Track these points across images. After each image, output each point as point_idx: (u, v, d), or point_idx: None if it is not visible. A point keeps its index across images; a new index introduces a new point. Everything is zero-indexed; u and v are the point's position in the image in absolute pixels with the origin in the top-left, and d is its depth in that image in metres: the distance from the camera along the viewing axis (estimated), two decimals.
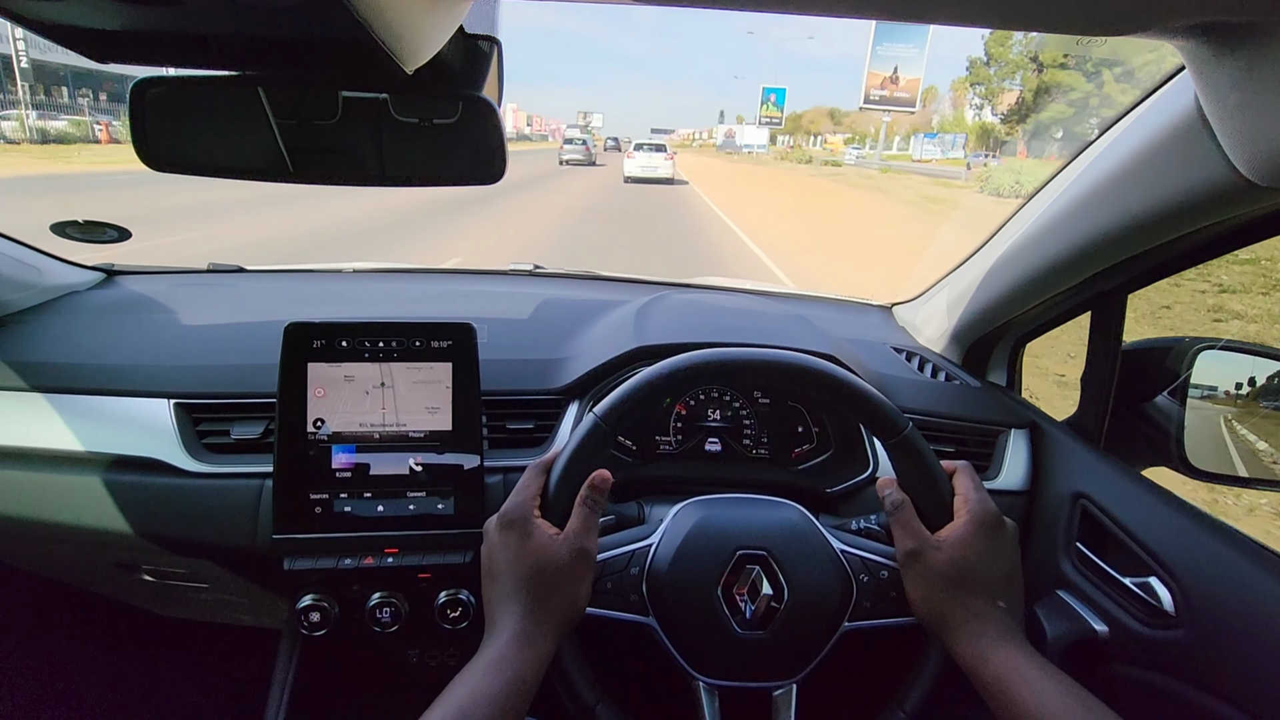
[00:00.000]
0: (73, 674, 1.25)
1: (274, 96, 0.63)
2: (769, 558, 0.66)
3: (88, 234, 1.19)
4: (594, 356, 0.98)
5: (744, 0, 0.44)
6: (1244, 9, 0.41)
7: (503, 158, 0.68)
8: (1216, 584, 0.67)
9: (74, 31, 0.46)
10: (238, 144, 0.68)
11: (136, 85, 0.59)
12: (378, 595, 0.85)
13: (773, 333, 1.06)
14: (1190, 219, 0.63)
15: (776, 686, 0.65)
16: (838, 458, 0.99)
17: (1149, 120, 0.64)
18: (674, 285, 1.44)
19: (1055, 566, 0.85)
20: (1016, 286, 0.91)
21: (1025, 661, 0.56)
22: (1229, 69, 0.47)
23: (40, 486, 0.88)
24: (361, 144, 0.68)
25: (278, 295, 1.29)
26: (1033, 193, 0.88)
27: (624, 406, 0.66)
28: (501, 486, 0.88)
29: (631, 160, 22.36)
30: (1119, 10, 0.41)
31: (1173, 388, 0.86)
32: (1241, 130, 0.50)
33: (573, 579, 0.60)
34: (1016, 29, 0.44)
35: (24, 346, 0.97)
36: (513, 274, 1.50)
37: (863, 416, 0.68)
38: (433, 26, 0.51)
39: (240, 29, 0.47)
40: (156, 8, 0.42)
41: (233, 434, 0.89)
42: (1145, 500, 0.77)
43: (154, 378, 0.92)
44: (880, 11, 0.43)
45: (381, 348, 0.84)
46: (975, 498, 0.63)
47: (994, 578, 0.61)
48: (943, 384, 1.05)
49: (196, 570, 0.95)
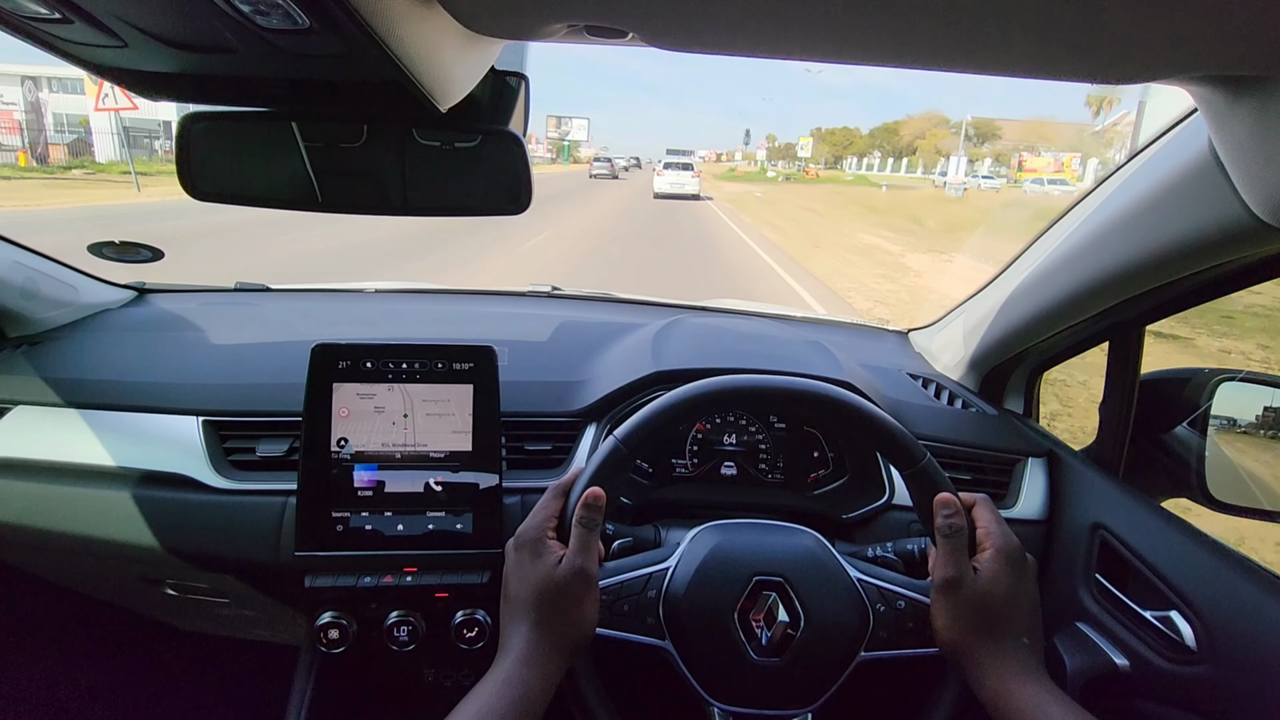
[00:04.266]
0: (92, 686, 1.27)
1: (304, 125, 0.65)
2: (786, 584, 0.66)
3: (123, 254, 1.23)
4: (612, 380, 0.99)
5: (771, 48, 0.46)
6: (1257, 65, 0.42)
7: (529, 189, 0.70)
8: (1239, 619, 0.66)
9: (132, 74, 0.49)
10: (272, 175, 0.71)
11: (184, 120, 0.62)
12: (395, 614, 0.86)
13: (789, 359, 1.07)
14: (1204, 257, 0.64)
15: (792, 715, 0.65)
16: (854, 484, 0.99)
17: (1164, 159, 0.65)
18: (691, 308, 1.45)
19: (1075, 598, 0.84)
20: (1033, 316, 0.91)
21: (1049, 699, 0.56)
22: (1242, 115, 0.48)
23: (71, 500, 0.90)
24: (386, 168, 0.70)
25: (302, 315, 1.33)
26: (1050, 223, 0.89)
27: (644, 430, 0.67)
28: (520, 507, 0.89)
29: (661, 178, 23.14)
30: (1133, 62, 0.42)
31: (1192, 418, 0.86)
32: (1255, 172, 0.51)
33: (574, 600, 0.60)
34: (1034, 77, 0.46)
35: (60, 363, 1.00)
36: (531, 295, 1.52)
37: (880, 445, 0.68)
38: (468, 68, 0.53)
39: (286, 73, 0.50)
40: (212, 54, 0.44)
41: (258, 451, 0.91)
42: (1165, 532, 0.77)
43: (184, 395, 0.95)
44: (895, 61, 0.45)
45: (405, 369, 0.86)
46: (999, 531, 0.63)
47: (1019, 613, 0.61)
48: (959, 411, 1.05)
49: (219, 585, 0.97)
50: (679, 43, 0.44)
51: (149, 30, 0.41)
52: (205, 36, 0.41)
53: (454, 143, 0.69)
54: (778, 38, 0.43)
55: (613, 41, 0.47)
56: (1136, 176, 0.69)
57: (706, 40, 0.44)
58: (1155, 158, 0.67)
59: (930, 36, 0.41)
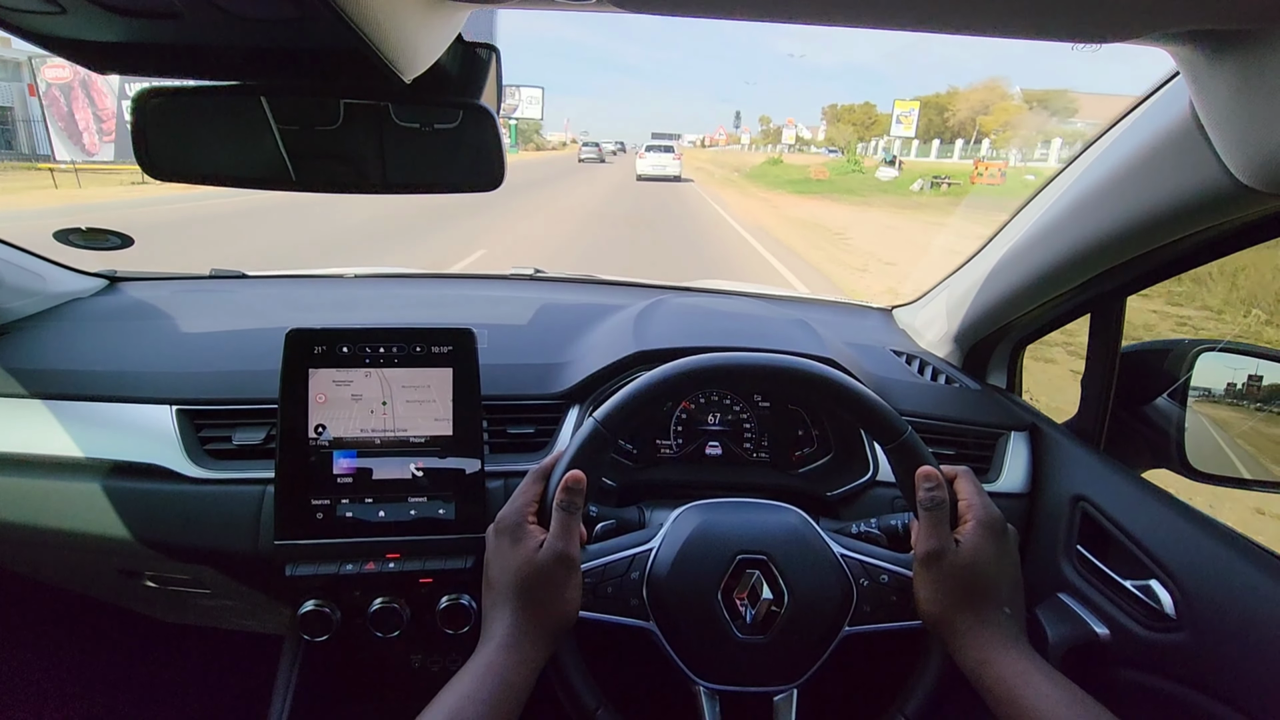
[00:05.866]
0: (75, 680, 1.26)
1: (276, 103, 0.63)
2: (769, 562, 0.66)
3: (90, 241, 1.20)
4: (594, 361, 0.98)
5: (743, 9, 0.44)
6: (1238, 17, 0.41)
7: (502, 164, 0.68)
8: (1216, 586, 0.67)
9: (74, 43, 0.47)
10: (240, 152, 0.68)
11: (137, 96, 0.60)
12: (379, 601, 0.85)
13: (772, 337, 1.07)
14: (1186, 223, 0.63)
15: (777, 691, 0.65)
16: (838, 461, 0.99)
17: (1145, 124, 0.64)
18: (673, 289, 1.44)
19: (1056, 569, 0.85)
20: (1015, 289, 0.91)
21: (1031, 667, 0.56)
22: (1223, 75, 0.47)
23: (43, 493, 0.88)
24: (364, 149, 0.68)
25: (279, 301, 1.30)
26: (1031, 196, 0.88)
27: (624, 411, 0.66)
28: (503, 491, 0.89)
29: (643, 160, 24.12)
30: (1112, 17, 0.41)
31: (1173, 389, 0.86)
32: (1236, 135, 0.50)
33: (556, 584, 0.60)
34: (1010, 37, 0.44)
35: (27, 354, 0.97)
36: (513, 278, 1.50)
37: (861, 420, 0.68)
38: (430, 36, 0.51)
39: (239, 40, 0.48)
40: (155, 20, 0.42)
41: (235, 440, 0.89)
42: (1145, 502, 0.77)
43: (156, 384, 0.93)
44: (869, 21, 0.44)
45: (382, 354, 0.85)
46: (979, 503, 0.63)
47: (1001, 584, 0.61)
48: (942, 387, 1.05)
49: (199, 576, 0.95)
50: (644, 4, 0.42)
51: None
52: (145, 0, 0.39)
53: (433, 124, 0.67)
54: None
55: (578, 7, 0.45)
56: (1118, 143, 0.68)
57: (672, 2, 0.42)
58: (1136, 124, 0.66)
59: None
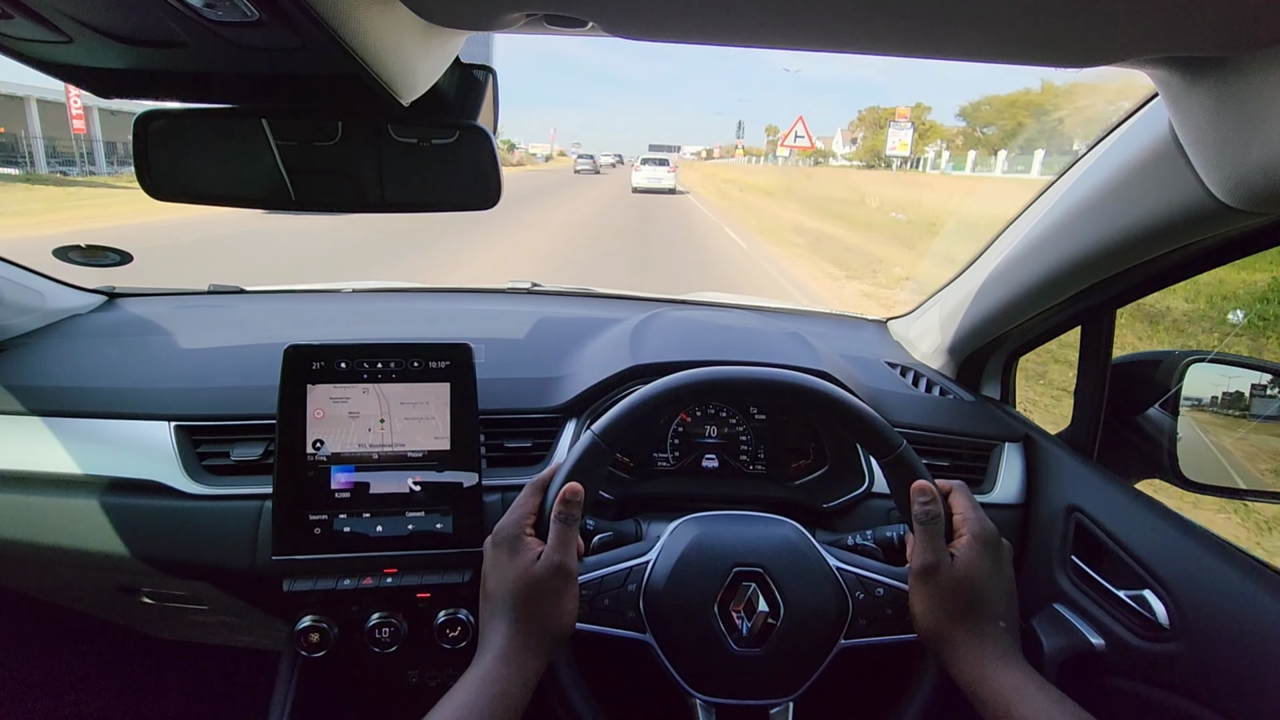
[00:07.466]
0: (72, 696, 1.25)
1: (276, 123, 0.64)
2: (765, 575, 0.66)
3: (90, 258, 1.20)
4: (591, 375, 0.99)
5: (732, 37, 0.45)
6: (1212, 45, 0.42)
7: (498, 183, 0.69)
8: (1210, 596, 0.67)
9: (81, 71, 0.48)
10: (240, 173, 0.69)
11: (140, 119, 0.61)
12: (377, 615, 0.85)
13: (768, 350, 1.07)
14: (1168, 240, 0.65)
15: (773, 704, 0.65)
16: (834, 473, 0.99)
17: (1126, 143, 0.65)
18: (669, 302, 1.45)
19: (1051, 580, 0.85)
20: (1007, 302, 0.92)
21: (1027, 681, 0.56)
22: (1201, 98, 0.48)
23: (41, 510, 0.88)
24: (362, 165, 0.70)
25: (277, 317, 1.31)
26: (1020, 211, 0.90)
27: (621, 424, 0.67)
28: (500, 505, 0.89)
29: (639, 173, 24.28)
30: (1091, 44, 0.42)
31: (1164, 400, 0.87)
32: (1214, 155, 0.51)
33: (553, 596, 0.60)
34: (995, 62, 0.46)
35: (25, 370, 0.97)
36: (510, 292, 1.51)
37: (857, 434, 0.69)
38: (428, 61, 0.52)
39: (242, 67, 0.49)
40: (160, 49, 0.43)
41: (232, 456, 0.89)
42: (1138, 513, 0.78)
43: (154, 400, 0.93)
44: (856, 47, 0.45)
45: (380, 369, 0.85)
46: (974, 517, 0.64)
47: (996, 598, 0.61)
48: (937, 399, 1.06)
49: (196, 592, 0.95)
50: (639, 31, 0.44)
51: (94, 25, 0.40)
52: (153, 30, 0.40)
53: (430, 140, 0.68)
54: (735, 25, 0.42)
55: (573, 32, 0.46)
56: (1101, 161, 0.70)
57: (665, 28, 0.44)
58: (1118, 142, 0.67)
59: (886, 21, 0.40)
